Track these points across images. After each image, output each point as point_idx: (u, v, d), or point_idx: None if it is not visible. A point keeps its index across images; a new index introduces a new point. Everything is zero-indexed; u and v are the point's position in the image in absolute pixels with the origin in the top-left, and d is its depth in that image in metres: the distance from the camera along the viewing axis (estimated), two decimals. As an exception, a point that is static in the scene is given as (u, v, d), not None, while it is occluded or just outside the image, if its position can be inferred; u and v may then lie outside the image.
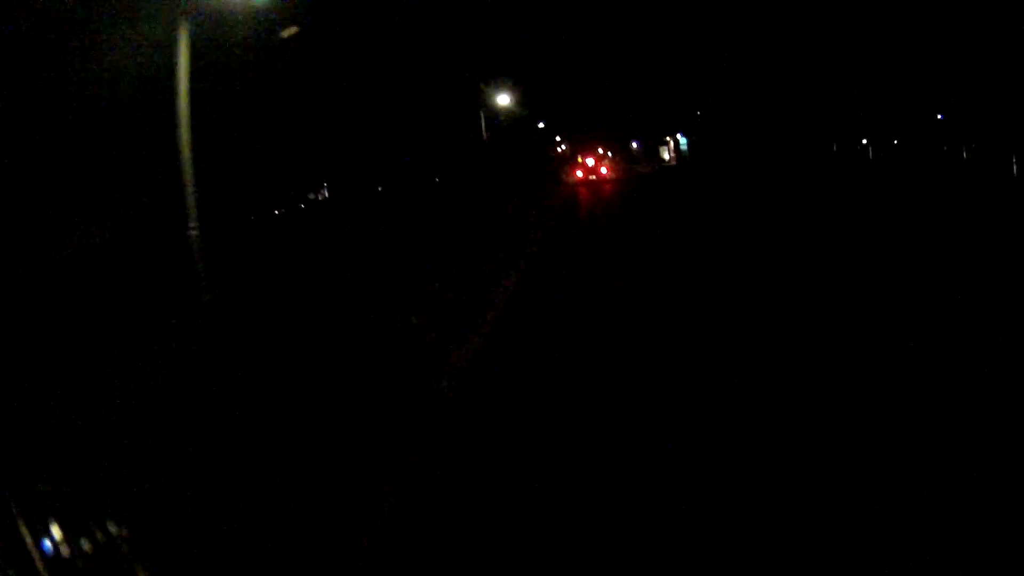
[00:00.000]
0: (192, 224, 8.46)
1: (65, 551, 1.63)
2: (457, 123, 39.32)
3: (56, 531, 1.63)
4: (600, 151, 72.74)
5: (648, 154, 75.30)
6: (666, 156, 71.39)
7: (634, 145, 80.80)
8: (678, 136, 63.08)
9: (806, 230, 14.35)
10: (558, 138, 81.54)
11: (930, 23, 29.31)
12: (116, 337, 8.34)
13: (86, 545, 1.71)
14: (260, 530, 3.77)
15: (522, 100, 47.81)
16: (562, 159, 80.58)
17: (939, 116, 32.44)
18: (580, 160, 68.70)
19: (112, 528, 1.79)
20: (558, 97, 65.60)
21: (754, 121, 48.54)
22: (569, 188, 48.85)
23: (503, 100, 42.56)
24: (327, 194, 35.04)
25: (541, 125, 67.38)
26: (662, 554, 3.41)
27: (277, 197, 28.08)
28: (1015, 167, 20.95)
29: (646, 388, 5.69)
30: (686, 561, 3.32)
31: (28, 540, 1.57)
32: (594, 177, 60.47)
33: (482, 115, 40.93)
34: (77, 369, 6.96)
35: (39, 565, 1.56)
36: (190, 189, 8.48)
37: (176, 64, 8.20)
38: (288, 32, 16.90)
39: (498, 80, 43.07)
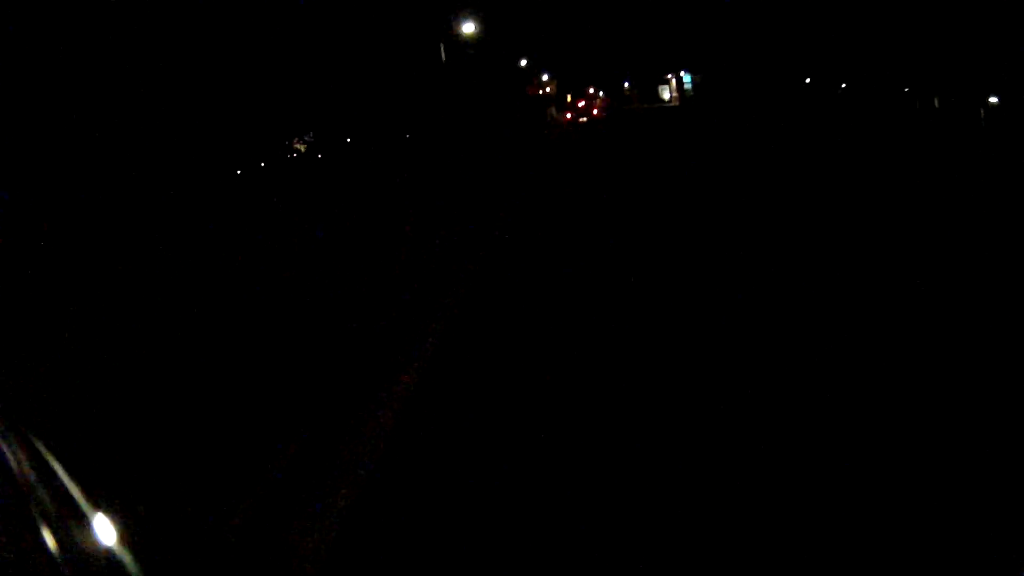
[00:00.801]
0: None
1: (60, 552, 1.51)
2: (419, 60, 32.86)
3: (52, 532, 1.53)
4: (591, 91, 66.27)
5: (645, 94, 66.75)
6: (666, 96, 62.71)
7: (625, 85, 72.34)
8: (682, 74, 54.27)
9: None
10: (546, 77, 74.13)
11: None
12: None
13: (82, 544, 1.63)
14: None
15: (489, 31, 41.61)
16: (547, 100, 73.65)
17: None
18: (568, 100, 62.71)
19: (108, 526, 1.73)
20: (542, 32, 58.11)
21: (773, 59, 40.31)
22: (556, 133, 42.79)
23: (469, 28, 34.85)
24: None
25: (524, 63, 61.82)
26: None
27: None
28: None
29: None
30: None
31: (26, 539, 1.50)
32: (585, 119, 54.86)
33: (441, 47, 33.07)
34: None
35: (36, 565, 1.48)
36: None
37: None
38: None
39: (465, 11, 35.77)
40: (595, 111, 58.43)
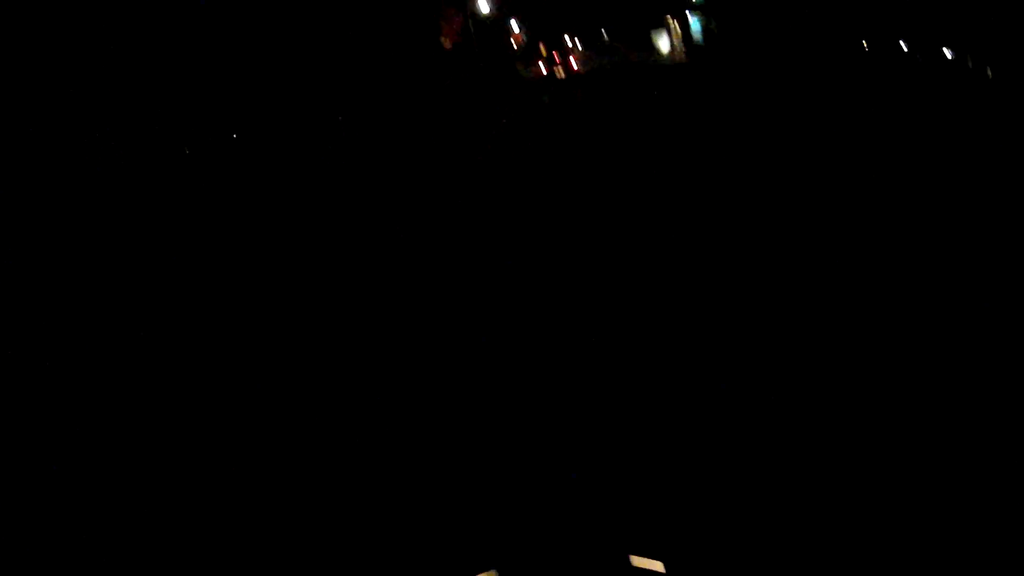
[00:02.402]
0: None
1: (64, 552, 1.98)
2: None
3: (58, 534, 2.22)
4: (567, 39, 55.27)
5: (634, 44, 53.68)
6: (663, 45, 49.33)
7: (603, 32, 59.47)
8: (687, 14, 40.94)
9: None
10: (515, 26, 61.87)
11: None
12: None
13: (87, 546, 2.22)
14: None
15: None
16: (523, 51, 62.23)
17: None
18: (541, 50, 51.23)
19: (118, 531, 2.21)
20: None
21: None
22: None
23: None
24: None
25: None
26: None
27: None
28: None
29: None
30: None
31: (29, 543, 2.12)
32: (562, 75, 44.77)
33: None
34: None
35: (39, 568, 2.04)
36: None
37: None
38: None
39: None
40: (573, 66, 48.54)
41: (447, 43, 54.99)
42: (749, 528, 3.76)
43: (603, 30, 65.34)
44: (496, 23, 56.27)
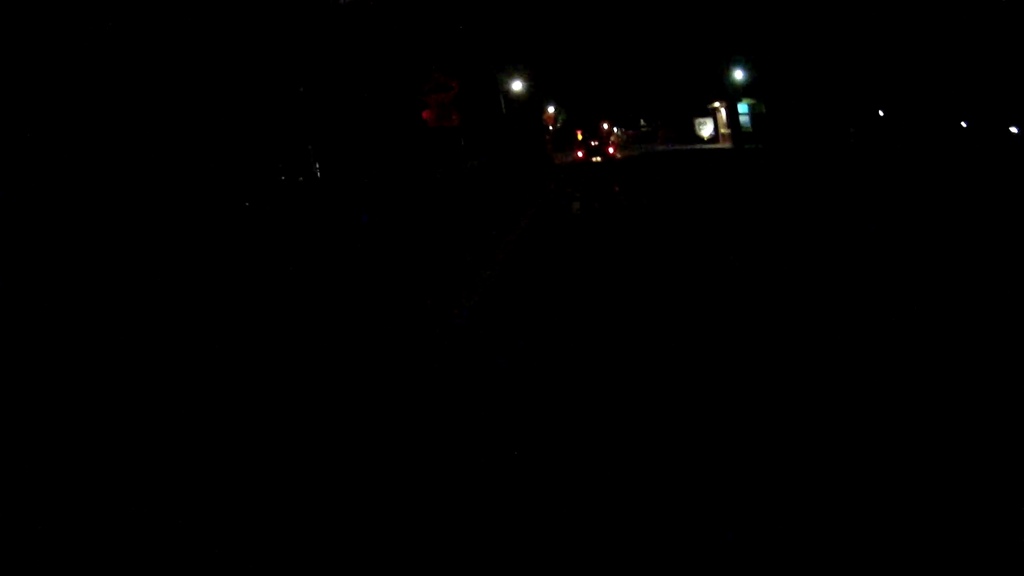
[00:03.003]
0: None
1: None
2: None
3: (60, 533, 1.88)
4: (605, 126, 54.51)
5: (676, 131, 51.69)
6: (707, 132, 47.03)
7: (642, 122, 57.96)
8: (735, 104, 38.52)
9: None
10: (551, 109, 61.12)
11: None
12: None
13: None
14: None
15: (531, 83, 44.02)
16: (560, 137, 61.16)
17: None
18: (580, 137, 52.43)
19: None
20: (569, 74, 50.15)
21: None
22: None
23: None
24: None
25: (551, 110, 60.44)
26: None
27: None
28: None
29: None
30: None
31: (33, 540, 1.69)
32: (599, 159, 46.88)
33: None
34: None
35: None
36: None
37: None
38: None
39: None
40: (610, 149, 48.83)
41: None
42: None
43: (641, 119, 63.75)
44: (530, 105, 55.16)
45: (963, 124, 22.48)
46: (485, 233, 15.33)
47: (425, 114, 20.60)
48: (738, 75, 36.05)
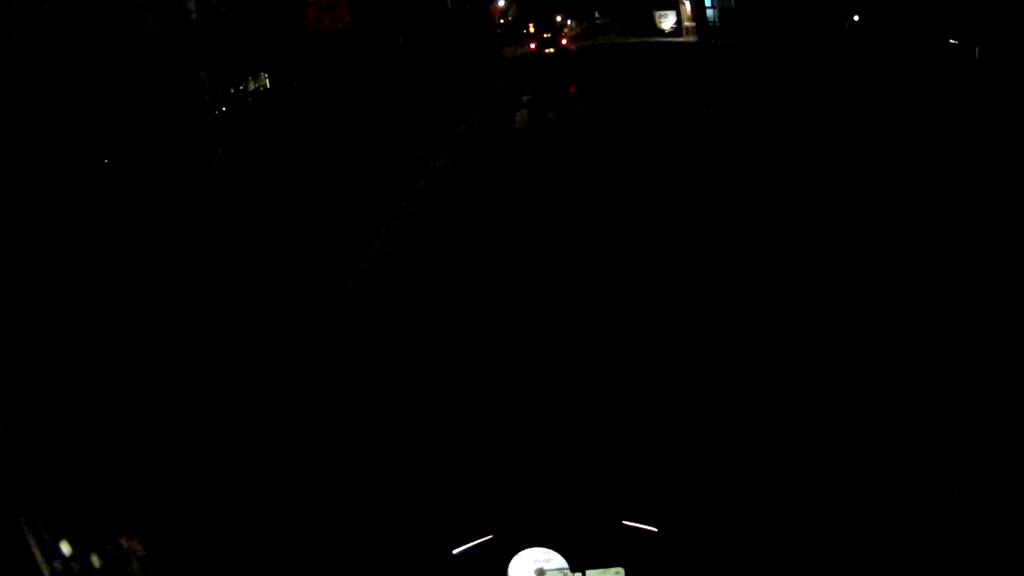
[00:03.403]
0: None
1: (76, 567, 1.62)
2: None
3: (66, 547, 1.64)
4: (559, 19, 51.76)
5: (634, 23, 48.11)
6: (667, 25, 43.56)
7: (597, 15, 54.34)
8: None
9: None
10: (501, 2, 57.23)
11: None
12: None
13: (96, 560, 1.76)
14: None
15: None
16: (512, 30, 57.86)
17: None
18: (531, 30, 51.05)
19: (123, 542, 1.92)
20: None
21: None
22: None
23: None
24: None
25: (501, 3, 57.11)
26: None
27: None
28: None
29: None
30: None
31: (38, 556, 1.57)
32: (552, 50, 45.16)
33: None
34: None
35: None
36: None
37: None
38: None
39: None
40: (563, 40, 47.23)
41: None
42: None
43: (596, 11, 59.70)
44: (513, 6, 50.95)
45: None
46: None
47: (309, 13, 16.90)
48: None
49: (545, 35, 47.55)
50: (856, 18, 23.41)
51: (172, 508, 4.06)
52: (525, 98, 20.28)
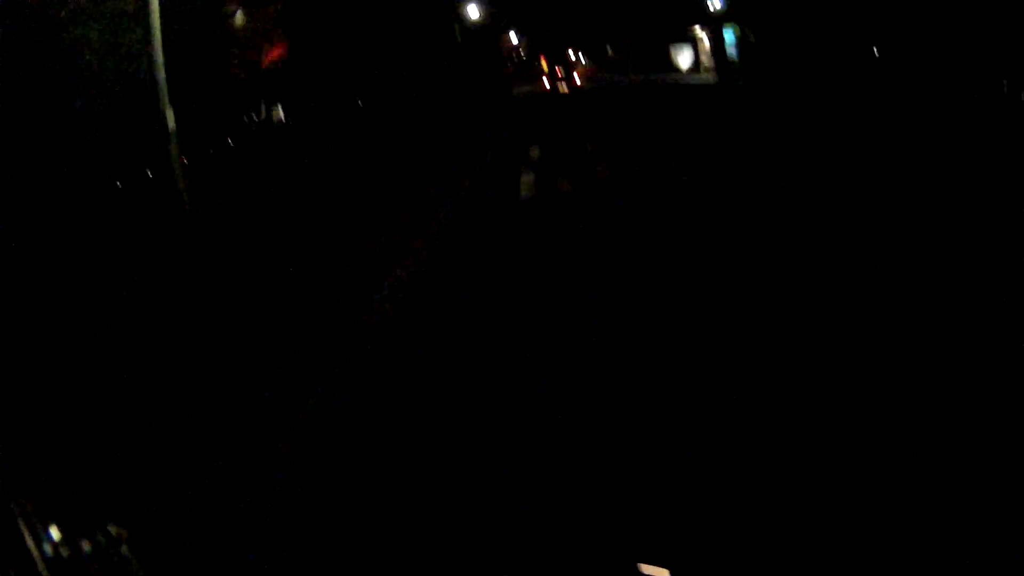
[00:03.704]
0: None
1: (65, 552, 1.62)
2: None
3: (55, 532, 1.63)
4: (571, 54, 52.20)
5: (647, 59, 47.10)
6: (684, 63, 42.24)
7: (609, 49, 53.61)
8: (719, 29, 33.68)
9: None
10: (514, 38, 56.89)
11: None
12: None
13: (86, 546, 1.75)
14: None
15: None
16: (521, 65, 57.55)
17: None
18: (543, 66, 49.65)
19: (112, 529, 1.88)
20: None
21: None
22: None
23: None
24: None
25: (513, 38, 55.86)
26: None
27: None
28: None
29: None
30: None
31: (28, 541, 1.57)
32: (565, 90, 44.36)
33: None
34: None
35: (40, 566, 1.54)
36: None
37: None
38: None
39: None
40: (576, 81, 46.90)
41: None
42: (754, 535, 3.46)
43: (608, 46, 58.77)
44: (489, 31, 50.07)
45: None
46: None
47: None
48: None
49: (558, 71, 47.08)
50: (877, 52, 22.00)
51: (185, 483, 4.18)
52: (534, 153, 18.66)
